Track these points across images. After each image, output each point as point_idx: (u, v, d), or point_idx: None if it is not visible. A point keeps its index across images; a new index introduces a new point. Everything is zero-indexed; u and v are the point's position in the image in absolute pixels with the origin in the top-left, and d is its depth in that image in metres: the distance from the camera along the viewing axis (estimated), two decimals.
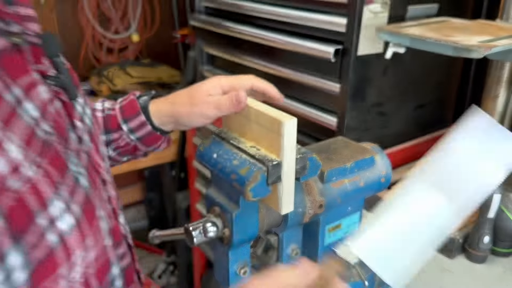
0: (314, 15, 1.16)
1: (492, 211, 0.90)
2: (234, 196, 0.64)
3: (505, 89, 1.12)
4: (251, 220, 0.66)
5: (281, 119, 0.58)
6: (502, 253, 0.96)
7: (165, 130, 0.83)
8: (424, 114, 1.33)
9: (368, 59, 1.10)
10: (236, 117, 0.67)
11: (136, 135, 0.82)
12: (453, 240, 0.94)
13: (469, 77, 1.43)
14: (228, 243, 0.66)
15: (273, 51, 1.32)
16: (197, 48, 1.71)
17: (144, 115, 0.80)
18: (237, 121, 0.67)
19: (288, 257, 0.76)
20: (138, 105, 0.81)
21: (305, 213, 0.72)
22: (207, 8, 1.64)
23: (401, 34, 0.94)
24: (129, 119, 0.81)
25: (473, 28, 0.98)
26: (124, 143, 0.83)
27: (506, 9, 1.05)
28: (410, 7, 1.11)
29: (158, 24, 2.78)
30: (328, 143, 0.85)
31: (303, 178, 0.65)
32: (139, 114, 0.80)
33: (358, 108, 1.14)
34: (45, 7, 2.42)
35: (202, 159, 0.68)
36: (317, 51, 1.13)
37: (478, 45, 0.83)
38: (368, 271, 0.82)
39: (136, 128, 0.82)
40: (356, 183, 0.79)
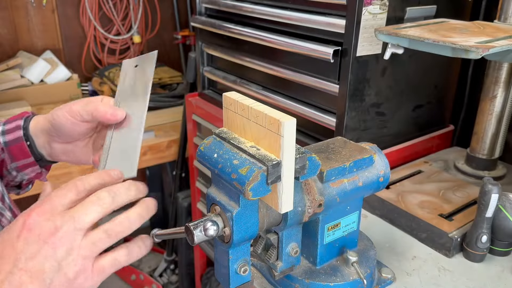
0: (313, 17, 1.17)
1: (490, 210, 0.90)
2: (234, 195, 0.65)
3: (503, 89, 1.13)
4: (251, 219, 0.67)
5: (281, 119, 0.58)
6: (500, 252, 0.96)
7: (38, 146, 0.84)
8: (422, 114, 1.33)
9: (367, 60, 1.11)
10: (236, 117, 0.68)
11: (5, 138, 0.83)
12: (451, 239, 0.95)
13: (467, 77, 1.44)
14: (229, 242, 0.67)
15: (273, 52, 1.33)
16: (198, 49, 1.72)
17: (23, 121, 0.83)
18: (237, 121, 0.68)
19: (288, 256, 0.77)
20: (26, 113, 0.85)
21: (304, 212, 0.73)
22: (207, 9, 1.65)
23: (399, 35, 0.95)
24: (8, 122, 0.84)
25: (471, 29, 0.99)
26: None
27: (504, 10, 1.05)
28: (408, 8, 1.12)
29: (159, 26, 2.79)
30: (327, 143, 0.85)
31: (302, 178, 0.66)
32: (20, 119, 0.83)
33: (357, 108, 1.15)
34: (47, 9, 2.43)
35: (202, 159, 0.69)
36: (316, 52, 1.14)
37: (476, 46, 0.84)
38: (367, 270, 0.83)
39: (9, 130, 0.83)
40: (355, 183, 0.80)
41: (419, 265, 0.94)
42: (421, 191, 1.13)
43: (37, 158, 0.85)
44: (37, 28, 2.43)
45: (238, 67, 1.55)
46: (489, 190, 0.89)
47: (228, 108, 0.69)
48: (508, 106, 1.15)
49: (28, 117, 0.85)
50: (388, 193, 1.11)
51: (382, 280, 0.88)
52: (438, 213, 1.03)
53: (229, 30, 1.46)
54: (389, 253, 0.98)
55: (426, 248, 1.00)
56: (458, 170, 1.24)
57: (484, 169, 1.22)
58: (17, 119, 0.84)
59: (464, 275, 0.91)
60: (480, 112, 1.19)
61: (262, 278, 0.87)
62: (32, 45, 2.45)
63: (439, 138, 1.42)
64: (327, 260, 0.84)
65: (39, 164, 0.86)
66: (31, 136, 0.84)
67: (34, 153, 0.84)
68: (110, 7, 2.58)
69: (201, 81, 1.76)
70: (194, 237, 0.64)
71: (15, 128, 0.83)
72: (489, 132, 1.18)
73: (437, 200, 1.09)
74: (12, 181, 0.88)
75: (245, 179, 0.60)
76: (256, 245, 0.79)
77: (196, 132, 1.84)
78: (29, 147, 0.83)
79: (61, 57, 2.54)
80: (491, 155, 1.20)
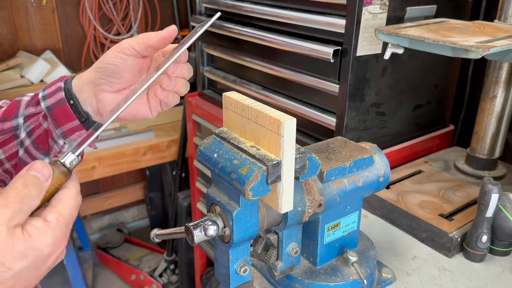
0: (313, 16, 1.16)
1: (490, 211, 0.90)
2: (234, 195, 0.65)
3: (503, 89, 1.13)
4: (251, 219, 0.67)
5: (281, 119, 0.58)
6: (500, 252, 0.96)
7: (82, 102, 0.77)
8: (422, 114, 1.33)
9: (367, 60, 1.11)
10: (236, 117, 0.68)
11: (46, 102, 0.77)
12: (451, 239, 0.95)
13: (467, 77, 1.44)
14: (229, 241, 0.67)
15: (273, 52, 1.33)
16: (198, 49, 1.72)
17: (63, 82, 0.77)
18: (237, 121, 0.68)
19: (288, 256, 0.77)
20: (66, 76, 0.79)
21: (304, 212, 0.73)
22: (207, 9, 1.65)
23: (399, 35, 0.95)
24: (48, 86, 0.78)
25: (471, 29, 0.99)
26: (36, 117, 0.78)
27: (504, 10, 1.05)
28: (408, 8, 1.12)
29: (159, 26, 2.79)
30: (327, 143, 0.85)
31: (302, 178, 0.66)
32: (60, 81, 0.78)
33: (357, 108, 1.15)
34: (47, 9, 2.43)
35: (202, 159, 0.69)
36: (316, 52, 1.14)
37: (476, 45, 0.84)
38: (367, 270, 0.83)
39: (50, 94, 0.77)
40: (355, 183, 0.80)
41: (419, 265, 0.94)
42: (421, 191, 1.13)
43: (83, 119, 0.77)
44: (37, 28, 2.43)
45: (238, 67, 1.55)
46: (489, 190, 0.89)
47: (228, 108, 0.69)
48: (508, 106, 1.15)
49: (69, 79, 0.78)
50: (388, 193, 1.11)
51: (382, 280, 0.88)
52: (438, 213, 1.03)
53: (229, 30, 1.46)
54: (389, 253, 0.98)
55: (426, 248, 1.00)
56: (458, 170, 1.24)
57: (484, 169, 1.21)
58: (58, 82, 0.78)
59: (464, 275, 0.91)
60: (480, 112, 1.19)
61: (262, 278, 0.87)
62: (32, 45, 2.45)
63: (439, 138, 1.42)
64: (327, 260, 0.84)
65: (86, 127, 0.78)
66: (74, 94, 0.77)
67: (79, 114, 0.77)
68: (110, 7, 2.58)
69: (201, 81, 1.76)
70: (194, 237, 0.64)
71: (56, 91, 0.77)
72: (489, 132, 1.18)
73: (437, 200, 1.09)
74: (60, 152, 0.80)
75: (245, 179, 0.60)
76: (256, 245, 0.79)
77: (196, 132, 1.84)
78: (73, 107, 0.76)
79: (61, 57, 2.54)
80: (491, 155, 1.20)
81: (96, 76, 0.75)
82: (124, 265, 2.58)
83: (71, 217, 0.52)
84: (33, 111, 0.78)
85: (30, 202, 0.49)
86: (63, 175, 0.54)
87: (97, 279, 2.61)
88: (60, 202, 0.52)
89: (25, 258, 0.47)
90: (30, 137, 0.79)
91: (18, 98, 0.82)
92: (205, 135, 1.80)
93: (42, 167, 0.51)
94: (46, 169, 0.51)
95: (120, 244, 2.78)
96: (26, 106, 0.79)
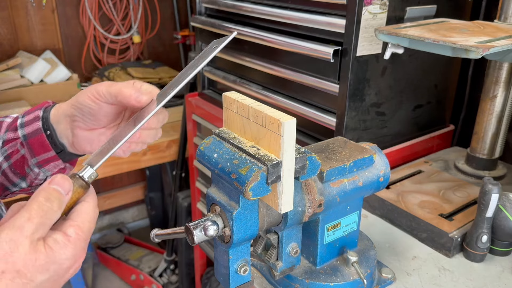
0: (313, 16, 1.16)
1: (490, 210, 0.90)
2: (234, 195, 0.65)
3: (503, 89, 1.13)
4: (251, 219, 0.67)
5: (281, 119, 0.58)
6: (500, 252, 0.96)
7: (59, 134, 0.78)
8: (422, 114, 1.33)
9: (367, 60, 1.11)
10: (236, 117, 0.67)
11: (23, 130, 0.78)
12: (451, 239, 0.95)
13: (467, 77, 1.44)
14: (229, 241, 0.67)
15: (273, 52, 1.33)
16: (198, 49, 1.72)
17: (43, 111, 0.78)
18: (237, 121, 0.68)
19: (288, 256, 0.77)
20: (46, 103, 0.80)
21: (304, 212, 0.73)
22: (207, 9, 1.65)
23: (399, 35, 0.95)
24: (27, 113, 0.79)
25: (471, 29, 0.99)
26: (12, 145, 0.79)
27: (504, 10, 1.05)
28: (408, 8, 1.12)
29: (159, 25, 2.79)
30: (327, 143, 0.85)
31: (302, 178, 0.66)
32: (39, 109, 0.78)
33: (357, 108, 1.15)
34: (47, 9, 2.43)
35: (202, 159, 0.69)
36: (316, 52, 1.14)
37: (476, 45, 0.84)
38: (367, 270, 0.83)
39: (28, 122, 0.78)
40: (355, 183, 0.80)
41: (419, 265, 0.94)
42: (421, 191, 1.13)
43: (58, 150, 0.79)
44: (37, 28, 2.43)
45: (238, 67, 1.55)
46: (489, 190, 0.89)
47: (228, 108, 0.69)
48: (508, 106, 1.15)
49: (48, 107, 0.79)
50: (388, 193, 1.11)
51: (382, 280, 0.88)
52: (438, 213, 1.03)
53: (229, 30, 1.46)
54: (389, 253, 0.98)
55: (426, 248, 1.00)
56: (458, 170, 1.24)
57: (484, 169, 1.21)
58: (36, 110, 0.79)
59: (464, 275, 0.91)
60: (480, 112, 1.19)
61: (262, 278, 0.87)
62: (32, 45, 2.45)
63: (439, 138, 1.42)
64: (327, 260, 0.84)
65: (62, 157, 0.80)
66: (51, 125, 0.78)
67: (55, 145, 0.78)
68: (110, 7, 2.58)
69: (201, 81, 1.76)
70: (194, 237, 0.64)
71: (33, 120, 0.78)
72: (489, 132, 1.18)
73: (437, 200, 1.09)
74: (36, 179, 0.82)
75: (245, 179, 0.60)
76: (256, 245, 0.79)
77: (196, 132, 1.84)
78: (49, 138, 0.77)
79: (61, 57, 2.54)
80: (491, 155, 1.20)
81: (73, 113, 0.76)
82: (124, 265, 2.58)
83: (89, 231, 0.53)
84: (12, 137, 0.79)
85: (52, 215, 0.50)
86: (81, 189, 0.55)
87: (97, 279, 2.61)
88: (79, 216, 0.53)
89: (46, 271, 0.48)
90: (8, 161, 0.80)
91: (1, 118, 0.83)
92: (205, 135, 1.80)
93: (63, 181, 0.52)
94: (67, 183, 0.52)
95: (120, 244, 2.78)
96: (6, 130, 0.80)
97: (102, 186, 2.89)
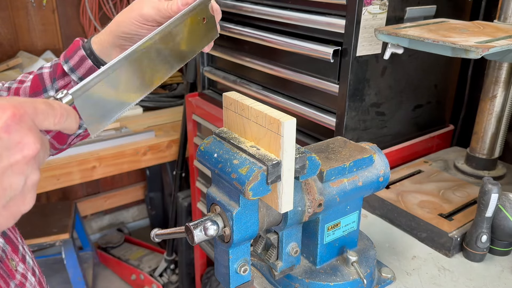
0: (313, 16, 1.17)
1: (490, 210, 0.90)
2: (234, 195, 0.65)
3: (503, 89, 1.13)
4: (251, 219, 0.67)
5: (280, 119, 0.58)
6: (500, 252, 0.96)
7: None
8: (422, 114, 1.33)
9: (367, 60, 1.11)
10: (236, 117, 0.68)
11: (77, 73, 0.76)
12: (451, 239, 0.95)
13: (467, 77, 1.44)
14: (229, 241, 0.67)
15: (273, 52, 1.33)
16: None
17: (83, 50, 0.76)
18: (237, 121, 0.68)
19: (288, 256, 0.77)
20: (79, 42, 0.78)
21: (304, 212, 0.73)
22: None
23: (399, 35, 0.95)
24: (70, 57, 0.78)
25: (471, 29, 0.99)
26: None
27: (503, 10, 1.06)
28: (408, 8, 1.12)
29: None
30: (327, 143, 0.86)
31: (302, 177, 0.66)
32: (79, 49, 0.77)
33: (357, 108, 1.15)
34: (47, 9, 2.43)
35: (203, 159, 0.69)
36: (316, 52, 1.14)
37: (476, 45, 0.84)
38: (367, 270, 0.83)
39: (77, 65, 0.77)
40: (355, 182, 0.80)
41: (419, 265, 0.94)
42: (421, 191, 1.13)
43: None
44: (37, 28, 2.43)
45: (238, 67, 1.55)
46: (489, 189, 0.89)
47: (228, 108, 0.69)
48: (508, 106, 1.15)
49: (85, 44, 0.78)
50: (388, 193, 1.11)
51: (382, 280, 0.88)
52: (438, 212, 1.03)
53: (229, 30, 1.46)
54: (389, 253, 0.98)
55: (426, 248, 1.00)
56: (458, 170, 1.24)
57: (484, 168, 1.22)
58: (76, 50, 0.76)
59: (464, 275, 0.91)
60: (480, 112, 1.19)
61: (262, 277, 0.87)
62: (32, 45, 2.45)
63: (439, 138, 1.42)
64: (327, 260, 0.84)
65: None
66: (101, 59, 0.77)
67: None
68: (110, 7, 2.58)
69: (201, 81, 1.76)
70: (194, 236, 0.64)
71: (81, 60, 0.76)
72: (489, 132, 1.18)
73: (437, 200, 1.09)
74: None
75: (245, 178, 0.60)
76: (256, 245, 0.80)
77: (196, 132, 1.84)
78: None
79: None
80: (491, 155, 1.20)
81: (121, 43, 0.74)
82: (124, 265, 2.58)
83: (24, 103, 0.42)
84: (63, 84, 0.78)
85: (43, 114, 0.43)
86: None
87: (97, 279, 2.61)
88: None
89: None
90: None
91: (36, 72, 0.81)
92: (205, 135, 1.80)
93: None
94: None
95: (120, 244, 2.79)
96: (53, 79, 0.79)
97: (102, 186, 2.89)
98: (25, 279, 0.69)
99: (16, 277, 0.67)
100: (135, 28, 0.72)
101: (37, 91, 0.79)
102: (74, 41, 0.79)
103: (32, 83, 0.80)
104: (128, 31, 0.73)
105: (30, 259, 0.74)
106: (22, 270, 0.69)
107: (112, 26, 0.75)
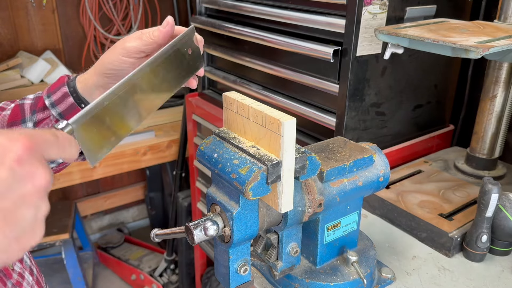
0: (313, 16, 1.17)
1: (490, 210, 0.90)
2: (234, 195, 0.65)
3: (503, 89, 1.13)
4: (251, 219, 0.67)
5: (281, 119, 0.58)
6: (500, 252, 0.96)
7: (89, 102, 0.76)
8: (422, 114, 1.33)
9: (367, 60, 1.11)
10: (236, 117, 0.68)
11: (57, 109, 0.77)
12: (451, 239, 0.95)
13: (467, 77, 1.44)
14: (229, 241, 0.67)
15: (273, 52, 1.33)
16: None
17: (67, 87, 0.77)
18: (237, 121, 0.68)
19: (288, 256, 0.77)
20: (64, 79, 0.79)
21: (304, 212, 0.73)
22: (207, 9, 1.65)
23: (399, 35, 0.95)
24: (52, 92, 0.78)
25: (471, 29, 0.99)
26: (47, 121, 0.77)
27: (503, 10, 1.06)
28: (408, 8, 1.12)
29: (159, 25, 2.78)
30: (327, 143, 0.86)
31: (302, 177, 0.66)
32: (63, 85, 0.77)
33: (357, 108, 1.15)
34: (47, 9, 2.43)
35: (203, 159, 0.69)
36: (316, 52, 1.14)
37: (476, 45, 0.84)
38: (367, 270, 0.83)
39: (58, 101, 0.77)
40: (355, 182, 0.80)
41: (419, 265, 0.94)
42: (421, 191, 1.13)
43: None
44: (37, 28, 2.43)
45: (238, 67, 1.55)
46: (489, 189, 0.89)
47: (228, 108, 0.69)
48: (508, 106, 1.15)
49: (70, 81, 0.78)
50: (388, 193, 1.11)
51: (382, 280, 0.88)
52: (438, 212, 1.03)
53: (229, 30, 1.46)
54: (389, 253, 0.98)
55: (426, 248, 1.00)
56: (458, 170, 1.24)
57: (484, 168, 1.22)
58: (60, 87, 0.77)
59: (464, 275, 0.91)
60: (480, 112, 1.19)
61: (262, 277, 0.87)
62: (32, 45, 2.45)
63: (439, 138, 1.42)
64: (327, 260, 0.84)
65: None
66: (83, 98, 0.77)
67: None
68: (110, 7, 2.58)
69: (201, 81, 1.76)
70: (194, 236, 0.64)
71: (63, 97, 0.76)
72: (489, 132, 1.18)
73: (437, 200, 1.09)
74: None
75: (245, 178, 0.60)
76: (256, 245, 0.79)
77: (196, 132, 1.84)
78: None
79: (61, 57, 2.54)
80: (491, 154, 1.20)
81: (106, 81, 0.75)
82: (124, 265, 2.58)
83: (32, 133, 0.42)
84: (42, 117, 0.79)
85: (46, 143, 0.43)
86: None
87: (97, 279, 2.61)
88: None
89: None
90: None
91: (18, 101, 0.82)
92: (205, 135, 1.80)
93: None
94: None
95: (120, 244, 2.79)
96: (33, 112, 0.79)
97: (102, 186, 2.89)
98: (22, 278, 0.69)
99: (13, 276, 0.67)
100: (119, 64, 0.72)
101: (15, 121, 0.79)
102: (59, 78, 0.80)
103: (12, 112, 0.80)
104: (112, 67, 0.73)
105: (27, 258, 0.74)
106: (19, 269, 0.69)
107: (97, 65, 0.76)
